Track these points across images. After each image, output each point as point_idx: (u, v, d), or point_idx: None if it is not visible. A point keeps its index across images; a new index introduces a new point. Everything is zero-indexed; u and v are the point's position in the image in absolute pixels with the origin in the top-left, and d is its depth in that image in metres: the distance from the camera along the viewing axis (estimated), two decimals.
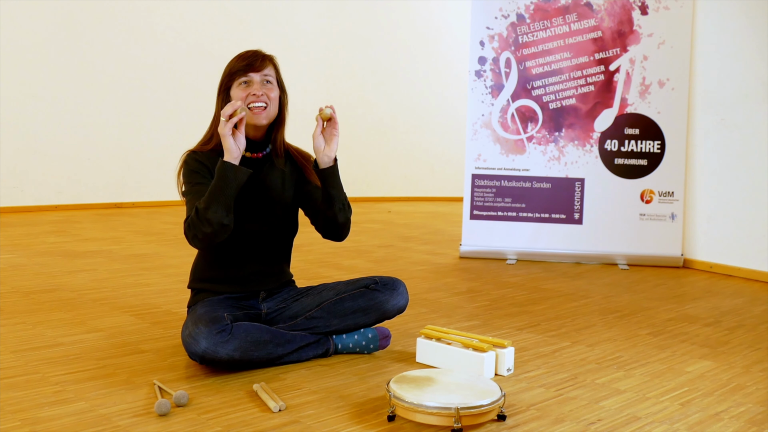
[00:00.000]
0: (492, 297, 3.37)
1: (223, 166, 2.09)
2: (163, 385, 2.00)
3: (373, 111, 8.31)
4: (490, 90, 4.44)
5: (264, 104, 2.24)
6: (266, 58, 2.28)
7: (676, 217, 4.33)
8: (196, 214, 2.08)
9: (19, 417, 1.79)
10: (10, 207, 6.25)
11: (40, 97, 6.44)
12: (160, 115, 7.06)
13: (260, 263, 2.35)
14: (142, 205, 6.97)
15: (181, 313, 2.84)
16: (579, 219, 4.39)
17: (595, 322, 2.94)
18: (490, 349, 2.18)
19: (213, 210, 2.06)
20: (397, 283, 2.38)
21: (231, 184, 2.09)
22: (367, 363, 2.29)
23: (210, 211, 2.06)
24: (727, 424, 1.87)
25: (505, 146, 4.44)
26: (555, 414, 1.90)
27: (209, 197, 2.08)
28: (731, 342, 2.68)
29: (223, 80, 2.28)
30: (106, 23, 6.73)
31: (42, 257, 4.07)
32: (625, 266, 4.28)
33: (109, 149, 6.81)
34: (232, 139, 2.09)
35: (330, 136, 2.24)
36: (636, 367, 2.33)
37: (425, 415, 1.74)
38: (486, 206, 4.47)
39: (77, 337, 2.50)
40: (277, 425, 1.78)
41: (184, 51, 7.13)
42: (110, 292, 3.25)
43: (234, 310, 2.23)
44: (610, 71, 4.35)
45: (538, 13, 4.39)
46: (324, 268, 3.98)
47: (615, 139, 4.37)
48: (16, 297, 3.09)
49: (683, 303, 3.35)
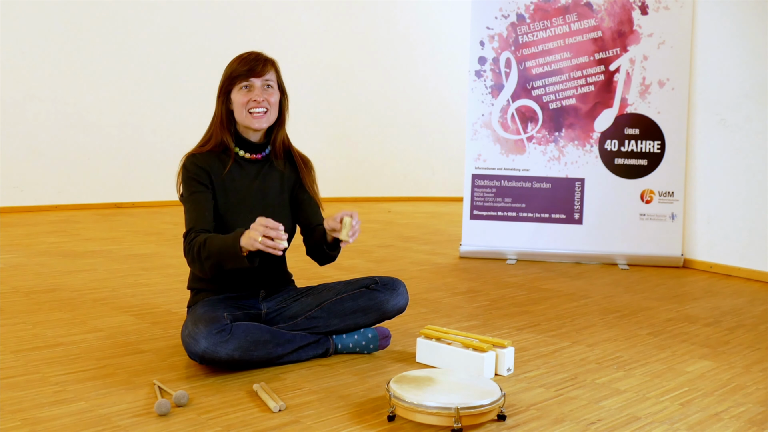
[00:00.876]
0: (492, 297, 3.37)
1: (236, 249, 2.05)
2: (163, 385, 2.00)
3: (373, 111, 8.31)
4: (490, 90, 4.44)
5: (264, 110, 2.25)
6: (268, 63, 2.28)
7: (676, 217, 4.33)
8: (197, 252, 2.11)
9: (19, 417, 1.79)
10: (10, 207, 6.25)
11: (40, 97, 6.43)
12: (160, 115, 7.06)
13: (259, 263, 2.35)
14: (142, 205, 6.96)
15: (181, 313, 2.84)
16: (579, 219, 4.39)
17: (595, 322, 2.94)
18: (490, 349, 2.18)
19: (210, 263, 2.11)
20: (397, 283, 2.38)
21: (232, 262, 2.09)
22: (367, 363, 2.29)
23: (207, 263, 2.11)
24: (727, 424, 1.87)
25: (505, 146, 4.44)
26: (555, 414, 1.90)
27: (214, 254, 2.09)
28: (731, 342, 2.68)
29: (224, 83, 2.28)
30: (107, 23, 6.73)
31: (42, 257, 4.07)
32: (625, 266, 4.28)
33: (109, 149, 6.81)
34: (258, 244, 2.02)
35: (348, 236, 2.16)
36: (636, 367, 2.33)
37: (425, 415, 1.74)
38: (486, 206, 4.46)
39: (77, 337, 2.50)
40: (277, 425, 1.78)
41: (185, 51, 7.13)
42: (110, 292, 3.25)
43: (234, 310, 2.23)
44: (610, 71, 4.35)
45: (538, 13, 4.39)
46: (324, 268, 3.98)
47: (615, 139, 4.37)
48: (16, 297, 3.09)
49: (683, 303, 3.35)
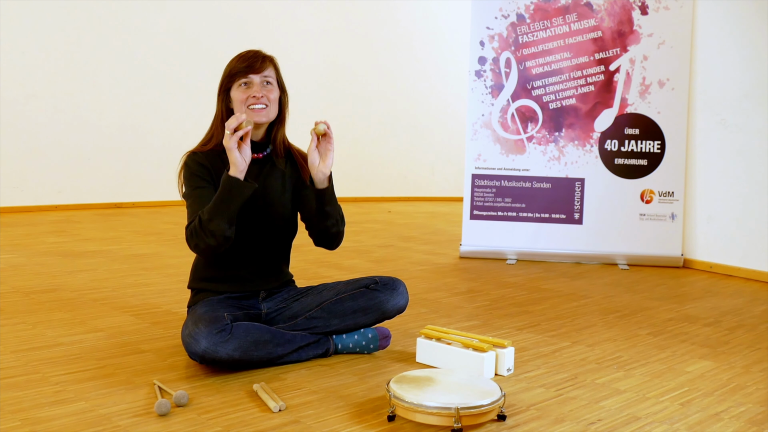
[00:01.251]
0: (492, 297, 3.37)
1: (229, 180, 2.08)
2: (163, 385, 2.00)
3: (373, 111, 8.31)
4: (490, 90, 4.44)
5: (264, 106, 2.24)
6: (266, 59, 2.27)
7: (676, 217, 4.33)
8: (199, 224, 2.08)
9: (19, 417, 1.79)
10: (10, 207, 6.25)
11: (40, 97, 6.44)
12: (160, 115, 7.06)
13: (259, 263, 2.35)
14: (142, 205, 6.97)
15: (181, 313, 2.84)
16: (579, 219, 4.39)
17: (595, 322, 2.94)
18: (490, 349, 2.18)
19: (216, 222, 2.07)
20: (397, 283, 2.38)
21: (235, 199, 2.08)
22: (367, 363, 2.29)
23: (213, 224, 2.06)
24: (727, 424, 1.87)
25: (505, 146, 4.44)
26: (555, 414, 1.90)
27: (213, 209, 2.07)
28: (731, 342, 2.68)
29: (224, 81, 2.28)
30: (107, 23, 6.73)
31: (42, 257, 4.07)
32: (625, 266, 4.28)
33: (109, 149, 6.81)
34: (237, 152, 2.07)
35: (325, 151, 2.22)
36: (636, 367, 2.33)
37: (425, 415, 1.74)
38: (486, 206, 4.46)
39: (77, 337, 2.50)
40: (277, 425, 1.78)
41: (184, 51, 7.13)
42: (110, 292, 3.25)
43: (234, 310, 2.23)
44: (610, 71, 4.35)
45: (538, 13, 4.39)
46: (324, 268, 3.98)
47: (615, 139, 4.37)
48: (16, 297, 3.09)
49: (683, 303, 3.35)
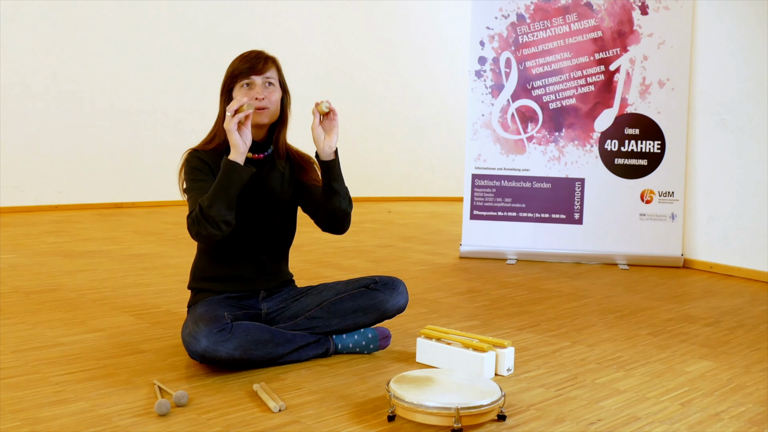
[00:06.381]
0: (492, 297, 3.37)
1: (228, 164, 2.09)
2: (163, 385, 2.00)
3: (373, 111, 8.31)
4: (490, 90, 4.44)
5: (266, 107, 2.24)
6: (268, 60, 2.27)
7: (676, 217, 4.33)
8: (200, 211, 2.08)
9: (19, 417, 1.79)
10: (10, 207, 6.25)
11: (40, 97, 6.44)
12: (160, 115, 7.06)
13: (259, 263, 2.35)
14: (142, 205, 6.96)
15: (181, 313, 2.84)
16: (579, 219, 4.39)
17: (595, 322, 2.94)
18: (490, 349, 2.18)
19: (216, 208, 2.07)
20: (396, 282, 2.38)
21: (235, 183, 2.09)
22: (367, 363, 2.29)
23: (213, 209, 2.07)
24: (727, 424, 1.87)
25: (505, 146, 4.44)
26: (555, 414, 1.90)
27: (213, 195, 2.08)
28: (731, 342, 2.68)
29: (226, 81, 2.28)
30: (107, 23, 6.73)
31: (42, 257, 4.07)
32: (625, 266, 4.28)
33: (109, 149, 6.81)
34: (238, 134, 2.09)
35: (330, 128, 2.23)
36: (636, 367, 2.33)
37: (425, 415, 1.74)
38: (486, 206, 4.46)
39: (77, 337, 2.50)
40: (277, 425, 1.78)
41: (185, 50, 7.13)
42: (110, 292, 3.25)
43: (234, 310, 2.23)
44: (610, 71, 4.35)
45: (538, 13, 4.39)
46: (324, 268, 3.98)
47: (615, 139, 4.37)
48: (16, 297, 3.09)
49: (683, 303, 3.35)
